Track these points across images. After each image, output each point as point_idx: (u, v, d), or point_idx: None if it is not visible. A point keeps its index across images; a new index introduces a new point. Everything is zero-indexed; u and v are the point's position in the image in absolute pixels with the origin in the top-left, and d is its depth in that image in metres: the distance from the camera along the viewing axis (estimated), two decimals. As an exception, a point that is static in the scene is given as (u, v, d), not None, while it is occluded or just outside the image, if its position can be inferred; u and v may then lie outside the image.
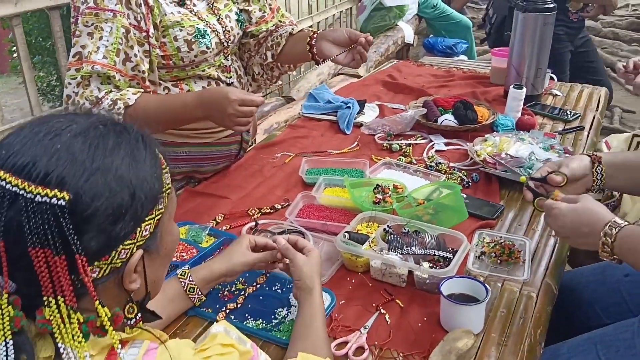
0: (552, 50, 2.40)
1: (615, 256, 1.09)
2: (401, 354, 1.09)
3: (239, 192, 1.66)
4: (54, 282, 0.64)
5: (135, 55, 1.49)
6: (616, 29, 6.62)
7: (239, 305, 1.20)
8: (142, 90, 1.52)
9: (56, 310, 0.64)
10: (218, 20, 1.67)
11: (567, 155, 1.72)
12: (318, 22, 4.40)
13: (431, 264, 1.26)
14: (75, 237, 0.64)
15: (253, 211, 1.56)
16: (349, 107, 2.13)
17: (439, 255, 1.27)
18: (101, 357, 0.67)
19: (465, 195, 1.57)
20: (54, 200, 0.63)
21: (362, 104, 2.20)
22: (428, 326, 1.16)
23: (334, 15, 4.68)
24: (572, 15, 2.86)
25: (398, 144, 1.93)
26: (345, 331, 1.15)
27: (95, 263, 0.68)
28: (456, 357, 1.05)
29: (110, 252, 0.69)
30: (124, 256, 0.70)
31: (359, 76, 3.43)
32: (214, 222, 1.52)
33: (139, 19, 1.49)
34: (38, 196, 0.63)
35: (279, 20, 1.88)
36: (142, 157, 0.72)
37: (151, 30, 1.52)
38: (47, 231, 0.63)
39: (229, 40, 1.70)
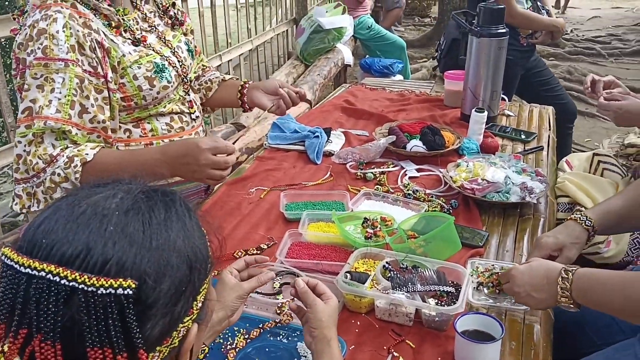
0: (504, 73, 2.49)
1: (572, 300, 1.14)
2: (423, 399, 1.06)
3: (219, 233, 1.58)
4: None
5: (92, 106, 1.38)
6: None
7: (237, 353, 1.13)
8: (102, 144, 1.41)
9: None
10: (172, 52, 1.60)
11: (540, 177, 1.77)
12: (257, 46, 4.36)
13: (436, 300, 1.25)
14: (138, 331, 0.56)
15: (240, 253, 1.48)
16: (316, 137, 2.10)
17: (442, 290, 1.25)
18: None
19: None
20: (119, 291, 0.55)
21: (327, 132, 2.17)
22: (444, 366, 1.14)
23: (271, 37, 4.67)
24: (522, 40, 2.99)
25: (372, 172, 1.92)
26: (361, 379, 1.11)
27: (157, 348, 0.61)
28: (481, 398, 1.03)
29: (172, 334, 0.62)
30: (182, 334, 0.63)
31: (308, 100, 3.43)
32: (200, 268, 1.43)
33: (94, 64, 1.38)
34: (101, 288, 0.55)
35: (204, 65, 1.87)
36: (192, 225, 0.66)
37: (109, 74, 1.41)
38: (110, 327, 0.55)
39: (186, 72, 1.64)
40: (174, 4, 1.68)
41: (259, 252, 1.50)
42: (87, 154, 1.34)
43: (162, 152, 1.38)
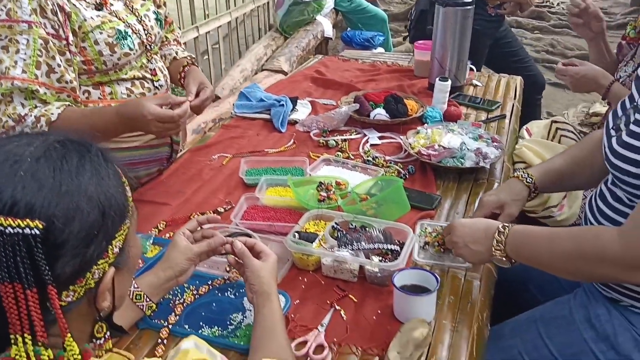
0: (472, 43, 2.52)
1: (506, 254, 1.19)
2: (360, 349, 1.12)
3: (179, 197, 1.62)
4: (22, 319, 0.60)
5: (59, 66, 1.43)
6: (519, 18, 7.00)
7: (180, 319, 1.17)
8: (67, 103, 1.46)
9: (23, 349, 0.61)
10: (138, 20, 1.62)
11: (495, 143, 1.82)
12: (236, 18, 4.34)
13: (380, 258, 1.30)
14: (47, 267, 0.61)
15: (195, 216, 1.52)
16: (282, 105, 2.13)
17: (386, 248, 1.30)
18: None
19: (405, 188, 1.63)
20: (27, 230, 0.59)
21: (294, 101, 2.20)
22: (383, 318, 1.19)
23: (251, 10, 4.64)
24: (490, 10, 3.01)
25: (334, 139, 1.96)
26: (303, 330, 1.16)
27: (70, 287, 0.65)
28: (414, 346, 1.08)
29: (85, 274, 0.66)
30: (98, 276, 0.68)
31: (283, 71, 3.44)
32: (156, 230, 1.47)
33: (56, 27, 1.42)
34: (9, 228, 0.59)
35: (165, 36, 1.87)
36: (106, 173, 0.70)
37: (70, 37, 1.45)
38: (19, 264, 0.59)
39: (151, 41, 1.66)
40: None
41: (216, 214, 1.54)
42: (52, 114, 1.39)
43: (117, 113, 1.44)
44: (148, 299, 1.12)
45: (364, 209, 1.47)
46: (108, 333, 0.73)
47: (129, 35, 1.56)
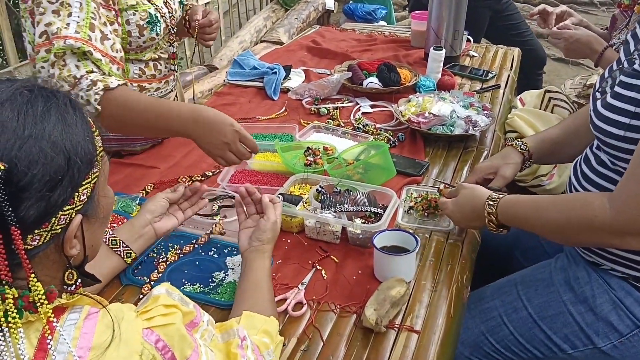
0: (471, 14, 2.49)
1: (502, 227, 1.22)
2: (338, 306, 1.13)
3: (169, 161, 1.63)
4: None
5: (111, 33, 1.36)
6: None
7: (163, 276, 1.19)
8: (126, 81, 1.39)
9: None
10: (165, 3, 1.58)
11: (486, 112, 1.81)
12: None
13: (363, 220, 1.31)
14: (10, 209, 0.62)
15: (184, 179, 1.54)
16: (275, 73, 2.12)
17: (370, 211, 1.31)
18: (40, 325, 0.66)
19: (392, 154, 1.63)
20: None
21: (287, 69, 2.19)
22: (363, 278, 1.20)
23: (253, -19, 4.59)
24: None
25: (326, 107, 1.96)
26: (283, 289, 1.17)
27: (36, 231, 0.66)
28: (390, 304, 1.10)
29: (50, 219, 0.67)
30: (64, 222, 0.69)
31: (282, 43, 3.42)
32: (144, 192, 1.48)
33: None
34: None
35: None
36: (73, 120, 0.70)
37: (115, 9, 1.40)
38: None
39: (174, 24, 1.63)
40: None
41: (203, 178, 1.56)
42: (111, 82, 1.31)
43: (195, 111, 1.33)
44: (125, 245, 1.14)
45: (350, 174, 1.47)
46: (79, 280, 0.75)
47: (159, 20, 1.53)
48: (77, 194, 0.70)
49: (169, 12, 1.59)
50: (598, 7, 6.86)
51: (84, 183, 0.71)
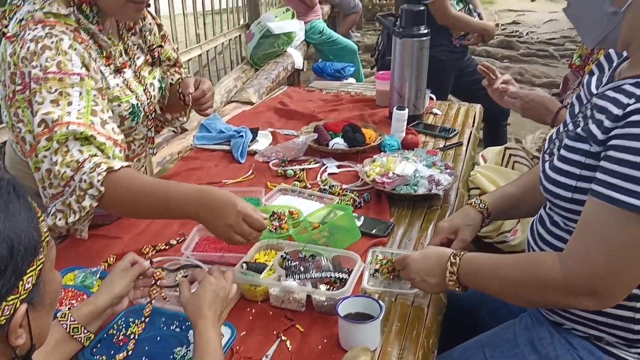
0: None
1: (460, 284, 1.22)
2: (304, 379, 1.11)
3: (132, 230, 1.61)
4: None
5: (109, 119, 1.35)
6: (489, 48, 7.18)
7: (129, 353, 1.16)
8: (130, 163, 1.38)
9: None
10: (144, 90, 1.59)
11: (449, 170, 1.85)
12: (207, 51, 4.39)
13: (328, 286, 1.30)
14: None
15: (147, 249, 1.52)
16: (241, 136, 2.15)
17: (335, 276, 1.31)
18: None
19: (357, 215, 1.65)
20: None
21: (254, 131, 2.22)
22: (328, 348, 1.19)
23: (222, 43, 4.70)
24: (454, 41, 3.09)
25: (292, 169, 1.98)
26: (247, 362, 1.15)
27: None
28: (356, 375, 1.08)
29: None
30: (8, 312, 0.67)
31: (251, 103, 3.47)
32: (106, 264, 1.46)
33: (99, 85, 1.38)
34: None
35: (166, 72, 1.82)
36: (17, 208, 0.70)
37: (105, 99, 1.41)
38: None
39: (152, 110, 1.63)
40: (161, 46, 1.69)
41: (168, 247, 1.54)
42: (115, 164, 1.28)
43: (200, 192, 1.30)
44: (86, 330, 1.11)
45: (315, 238, 1.48)
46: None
47: (140, 110, 1.54)
48: (21, 282, 0.69)
49: (148, 99, 1.59)
50: (558, 60, 7.16)
51: (28, 271, 0.70)
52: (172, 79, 1.81)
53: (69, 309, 1.14)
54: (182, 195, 1.29)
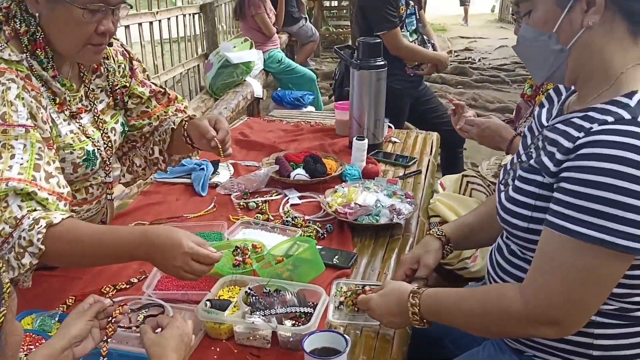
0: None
1: (424, 320, 1.24)
2: (271, 418, 1.10)
3: (91, 269, 1.57)
4: None
5: (55, 170, 1.31)
6: (443, 74, 7.39)
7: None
8: (72, 213, 1.33)
9: None
10: (103, 134, 1.54)
11: (409, 199, 1.88)
12: (165, 81, 4.37)
13: (294, 322, 1.30)
14: None
15: (108, 289, 1.48)
16: (202, 169, 2.13)
17: (300, 311, 1.31)
18: None
19: (321, 247, 1.65)
20: None
21: (215, 164, 2.22)
22: (295, 384, 1.18)
23: (181, 73, 4.69)
24: (408, 71, 3.18)
25: (254, 201, 1.97)
26: (213, 404, 1.13)
27: None
28: (324, 412, 1.08)
29: None
30: None
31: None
32: (64, 306, 1.42)
33: (47, 135, 1.33)
34: None
35: (164, 112, 1.75)
36: None
37: (54, 147, 1.36)
38: None
39: (110, 154, 1.58)
40: (125, 86, 1.63)
41: (129, 286, 1.51)
42: (55, 217, 1.23)
43: (144, 235, 1.26)
44: None
45: (280, 272, 1.47)
46: None
47: (96, 157, 1.49)
48: None
49: (106, 144, 1.54)
50: (510, 85, 7.42)
51: None
52: (174, 122, 1.72)
53: (26, 355, 1.10)
54: (127, 241, 1.26)
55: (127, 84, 1.64)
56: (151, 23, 4.12)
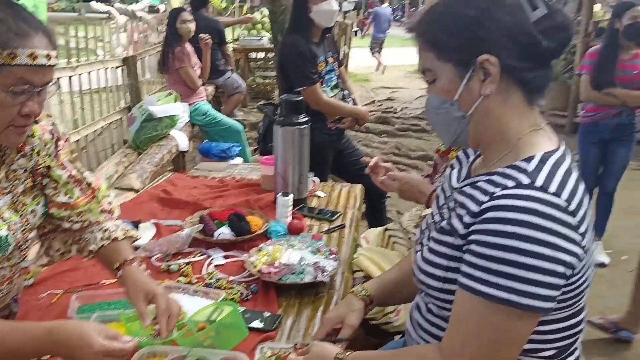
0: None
1: None
2: None
3: (-4, 347, 1.46)
4: None
5: None
6: (368, 124, 7.60)
7: None
8: None
9: None
10: (20, 217, 1.42)
11: (333, 255, 1.90)
12: (86, 135, 4.25)
13: (216, 393, 1.26)
14: None
15: (14, 368, 1.38)
16: (121, 231, 2.07)
17: (222, 381, 1.27)
18: None
19: (244, 309, 1.63)
20: None
21: (136, 225, 2.15)
22: None
23: (102, 126, 4.58)
24: (329, 124, 3.26)
25: (177, 263, 1.93)
26: None
27: None
28: None
29: None
30: None
31: (134, 189, 3.38)
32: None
33: None
34: None
35: (88, 209, 1.55)
36: None
37: None
38: None
39: (27, 238, 1.45)
40: (48, 166, 1.49)
41: (39, 363, 1.41)
42: None
43: (49, 333, 1.20)
44: None
45: (201, 340, 1.43)
46: None
47: (9, 243, 1.36)
48: None
49: (23, 228, 1.42)
50: (430, 134, 7.74)
51: None
52: (97, 240, 1.54)
53: None
54: (34, 341, 1.20)
55: (50, 164, 1.51)
56: (70, 77, 4.03)
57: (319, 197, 2.66)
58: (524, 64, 1.11)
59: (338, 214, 2.41)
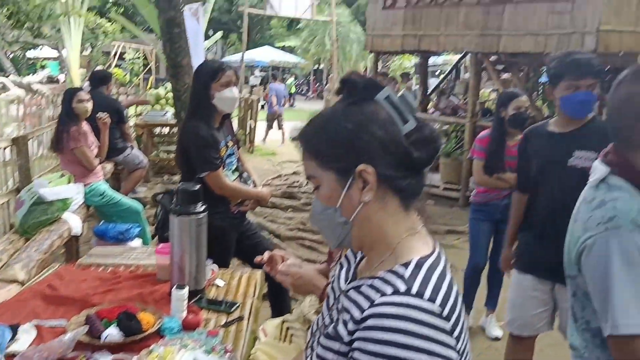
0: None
1: None
2: None
3: None
4: None
5: None
6: (273, 198, 7.66)
7: None
8: None
9: None
10: None
11: (229, 354, 1.84)
12: (-34, 221, 3.93)
13: None
14: None
15: None
16: (-4, 338, 1.90)
17: None
18: None
19: (132, 423, 1.52)
20: None
21: (14, 329, 1.99)
22: None
23: (-14, 211, 4.27)
24: (232, 208, 3.25)
25: (57, 372, 1.78)
26: None
27: None
28: None
29: None
30: None
31: (19, 281, 3.13)
32: None
33: None
34: None
35: None
36: None
37: None
38: None
39: None
40: None
41: None
42: None
43: None
44: None
45: None
46: None
47: None
48: None
49: None
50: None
51: None
52: None
53: None
54: None
55: None
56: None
57: (218, 286, 2.60)
58: (397, 173, 1.18)
59: (236, 305, 2.36)
